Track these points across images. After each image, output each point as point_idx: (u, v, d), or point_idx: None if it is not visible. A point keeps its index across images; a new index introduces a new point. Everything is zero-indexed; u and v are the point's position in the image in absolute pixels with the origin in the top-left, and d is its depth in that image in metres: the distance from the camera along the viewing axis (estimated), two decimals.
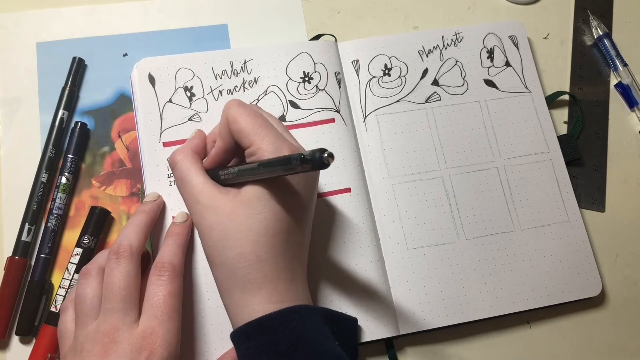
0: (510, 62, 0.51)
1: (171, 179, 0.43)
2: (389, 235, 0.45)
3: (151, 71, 0.46)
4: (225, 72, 0.47)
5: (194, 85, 0.46)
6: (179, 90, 0.46)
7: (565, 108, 0.53)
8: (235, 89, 0.47)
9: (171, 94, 0.45)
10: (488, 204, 0.47)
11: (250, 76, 0.47)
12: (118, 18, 0.50)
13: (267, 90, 0.47)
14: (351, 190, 0.45)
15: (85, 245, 0.43)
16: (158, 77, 0.46)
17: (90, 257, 0.41)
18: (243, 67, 0.47)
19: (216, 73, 0.47)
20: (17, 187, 0.45)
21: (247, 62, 0.47)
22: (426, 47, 0.51)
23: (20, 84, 0.48)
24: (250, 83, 0.47)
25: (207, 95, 0.46)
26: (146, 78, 0.45)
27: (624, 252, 0.49)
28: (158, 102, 0.45)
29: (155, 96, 0.45)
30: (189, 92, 0.46)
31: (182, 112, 0.45)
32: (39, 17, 0.50)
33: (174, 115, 0.45)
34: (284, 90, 0.47)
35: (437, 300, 0.44)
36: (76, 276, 0.42)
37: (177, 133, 0.45)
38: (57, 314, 0.41)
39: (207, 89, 0.46)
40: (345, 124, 0.47)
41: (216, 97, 0.46)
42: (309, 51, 0.48)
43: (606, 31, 0.54)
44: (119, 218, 0.45)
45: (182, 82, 0.46)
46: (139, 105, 0.45)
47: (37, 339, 0.41)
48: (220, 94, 0.46)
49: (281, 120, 0.46)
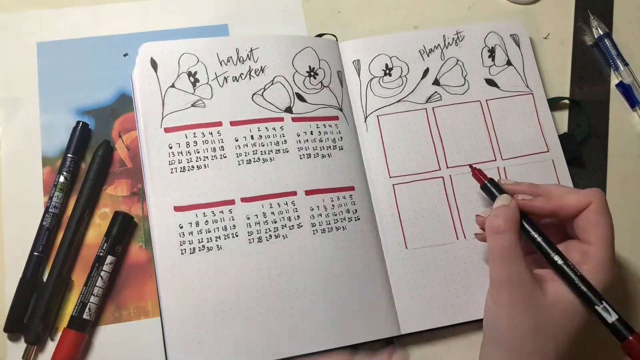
0: (512, 61, 0.51)
1: (172, 166, 0.43)
2: (389, 235, 0.45)
3: (154, 55, 0.45)
4: (231, 59, 0.46)
5: (198, 70, 0.46)
6: (182, 76, 0.45)
7: (565, 109, 0.53)
8: (242, 76, 0.46)
9: (174, 79, 0.45)
10: (488, 204, 0.47)
11: (256, 64, 0.47)
12: (118, 18, 0.50)
13: (274, 80, 0.47)
14: (354, 189, 0.45)
15: (119, 253, 0.43)
16: (161, 61, 0.45)
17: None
18: (249, 54, 0.47)
19: (221, 59, 0.46)
20: (17, 187, 0.45)
21: (253, 50, 0.47)
22: (427, 47, 0.50)
23: (20, 84, 0.48)
24: (256, 71, 0.47)
25: (211, 82, 0.46)
26: (148, 63, 0.45)
27: (624, 252, 0.49)
28: (160, 87, 0.45)
29: (157, 81, 0.45)
30: (192, 77, 0.45)
31: (186, 97, 0.45)
32: (39, 17, 0.50)
33: (176, 101, 0.45)
34: (291, 82, 0.47)
35: (437, 300, 0.44)
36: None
37: (179, 118, 0.44)
38: (78, 318, 0.41)
39: (211, 75, 0.46)
40: (347, 123, 0.47)
41: (221, 83, 0.46)
42: (314, 47, 0.48)
43: (607, 31, 0.54)
44: None
45: (185, 67, 0.45)
46: (138, 90, 0.44)
47: (59, 343, 0.41)
48: (225, 81, 0.46)
49: (288, 112, 0.46)
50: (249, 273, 0.42)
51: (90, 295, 0.42)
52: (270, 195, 0.43)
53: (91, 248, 0.44)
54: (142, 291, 0.44)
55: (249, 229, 0.43)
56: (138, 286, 0.44)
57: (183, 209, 0.42)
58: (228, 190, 0.43)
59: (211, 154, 0.44)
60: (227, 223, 0.42)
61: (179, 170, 0.43)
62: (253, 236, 0.42)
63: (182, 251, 0.41)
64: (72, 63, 0.49)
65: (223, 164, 0.44)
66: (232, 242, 0.42)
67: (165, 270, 0.41)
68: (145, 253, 0.45)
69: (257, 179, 0.44)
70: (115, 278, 0.44)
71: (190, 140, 0.44)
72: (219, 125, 0.44)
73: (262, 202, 0.43)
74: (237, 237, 0.42)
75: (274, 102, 0.46)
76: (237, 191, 0.43)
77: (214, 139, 0.44)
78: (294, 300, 0.42)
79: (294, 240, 0.43)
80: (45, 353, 0.42)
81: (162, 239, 0.41)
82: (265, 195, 0.43)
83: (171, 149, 0.43)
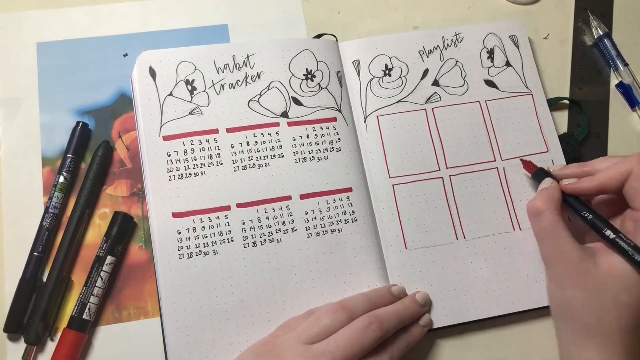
0: (511, 62, 0.51)
1: (171, 174, 0.43)
2: (389, 235, 0.45)
3: (152, 64, 0.45)
4: (228, 66, 0.47)
5: (196, 78, 0.46)
6: (180, 84, 0.46)
7: (565, 110, 0.53)
8: (238, 83, 0.46)
9: (172, 88, 0.45)
10: (488, 204, 0.47)
11: (252, 70, 0.47)
12: (118, 18, 0.50)
13: (270, 86, 0.47)
14: (352, 190, 0.45)
15: (119, 253, 0.43)
16: (159, 70, 0.45)
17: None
18: (245, 61, 0.47)
19: (218, 67, 0.47)
20: (17, 187, 0.45)
21: (249, 57, 0.47)
22: (426, 47, 0.50)
23: (20, 84, 0.48)
24: (252, 78, 0.47)
25: (208, 89, 0.46)
26: (147, 71, 0.45)
27: None
28: (159, 95, 0.45)
29: (155, 89, 0.45)
30: (190, 85, 0.46)
31: (183, 105, 0.45)
32: (39, 17, 0.50)
33: (174, 109, 0.45)
34: (287, 87, 0.47)
35: (437, 300, 0.44)
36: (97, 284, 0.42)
37: (177, 127, 0.44)
38: (78, 318, 0.41)
39: (208, 82, 0.46)
40: (346, 124, 0.47)
41: (218, 91, 0.46)
42: (312, 49, 0.48)
43: (606, 31, 0.54)
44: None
45: (183, 75, 0.46)
46: (139, 99, 0.45)
47: (59, 343, 0.41)
48: (222, 88, 0.46)
49: (284, 116, 0.46)
50: (244, 276, 0.42)
51: (90, 296, 0.42)
52: (265, 201, 0.44)
53: (91, 248, 0.44)
54: (141, 291, 0.44)
55: (244, 234, 0.43)
56: (138, 286, 0.44)
57: (181, 215, 0.43)
58: (224, 196, 0.43)
59: (208, 160, 0.44)
60: (223, 228, 0.43)
61: (177, 178, 0.43)
62: (248, 241, 0.43)
63: (180, 256, 0.42)
64: (72, 63, 0.49)
65: (219, 170, 0.44)
66: (228, 246, 0.42)
67: (165, 274, 0.41)
68: (145, 253, 0.45)
69: (252, 185, 0.44)
70: (115, 278, 0.44)
71: (188, 148, 0.44)
72: (216, 133, 0.45)
73: (257, 207, 0.44)
74: (232, 242, 0.43)
75: (269, 107, 0.46)
76: (232, 197, 0.44)
77: (211, 146, 0.44)
78: (287, 302, 0.42)
79: (287, 244, 0.43)
80: (45, 353, 0.42)
81: (161, 244, 0.42)
82: (260, 200, 0.44)
83: (169, 156, 0.44)
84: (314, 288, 0.42)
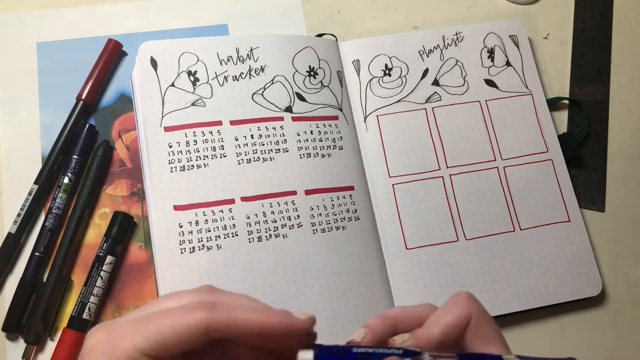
0: (511, 62, 0.51)
1: (172, 165, 0.43)
2: (389, 235, 0.45)
3: (153, 54, 0.45)
4: (231, 59, 0.46)
5: (198, 70, 0.46)
6: (182, 75, 0.45)
7: (565, 109, 0.53)
8: (242, 75, 0.46)
9: (174, 78, 0.45)
10: (488, 204, 0.47)
11: (256, 64, 0.47)
12: (118, 18, 0.50)
13: (274, 80, 0.47)
14: (354, 189, 0.45)
15: (119, 253, 0.43)
16: (160, 60, 0.45)
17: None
18: (249, 54, 0.47)
19: (221, 59, 0.46)
20: (17, 187, 0.45)
21: (253, 50, 0.47)
22: (426, 47, 0.51)
23: (20, 84, 0.48)
24: (256, 71, 0.47)
25: (211, 81, 0.46)
26: (148, 62, 0.45)
27: (624, 252, 0.49)
28: (160, 85, 0.45)
29: (157, 80, 0.45)
30: (192, 76, 0.45)
31: (185, 96, 0.45)
32: (39, 17, 0.50)
33: (176, 100, 0.44)
34: (291, 82, 0.47)
35: (437, 300, 0.44)
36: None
37: (179, 117, 0.44)
38: (78, 318, 0.41)
39: (211, 74, 0.46)
40: (347, 123, 0.47)
41: (221, 82, 0.46)
42: (314, 46, 0.48)
43: None
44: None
45: (185, 66, 0.45)
46: (139, 89, 0.44)
47: (59, 343, 0.41)
48: (225, 80, 0.46)
49: (288, 111, 0.46)
50: (249, 272, 0.42)
51: (89, 295, 0.42)
52: (270, 195, 0.43)
53: (91, 248, 0.44)
54: (141, 291, 0.44)
55: (249, 229, 0.43)
56: (137, 286, 0.44)
57: (183, 208, 0.42)
58: (228, 189, 0.43)
59: (211, 153, 0.44)
60: (227, 222, 0.42)
61: (178, 170, 0.43)
62: (253, 235, 0.42)
63: (182, 250, 0.41)
64: (72, 63, 0.49)
65: (223, 163, 0.44)
66: (232, 241, 0.42)
67: (165, 270, 0.41)
68: (145, 253, 0.45)
69: (257, 178, 0.44)
70: (114, 278, 0.44)
71: (190, 140, 0.44)
72: (219, 125, 0.44)
73: (262, 202, 0.43)
74: (237, 236, 0.42)
75: (274, 101, 0.46)
76: (237, 190, 0.43)
77: (214, 138, 0.44)
78: (293, 299, 0.42)
79: (293, 240, 0.43)
80: (45, 353, 0.42)
81: (161, 238, 0.41)
82: (265, 194, 0.43)
83: (171, 148, 0.43)
84: (318, 286, 0.42)
